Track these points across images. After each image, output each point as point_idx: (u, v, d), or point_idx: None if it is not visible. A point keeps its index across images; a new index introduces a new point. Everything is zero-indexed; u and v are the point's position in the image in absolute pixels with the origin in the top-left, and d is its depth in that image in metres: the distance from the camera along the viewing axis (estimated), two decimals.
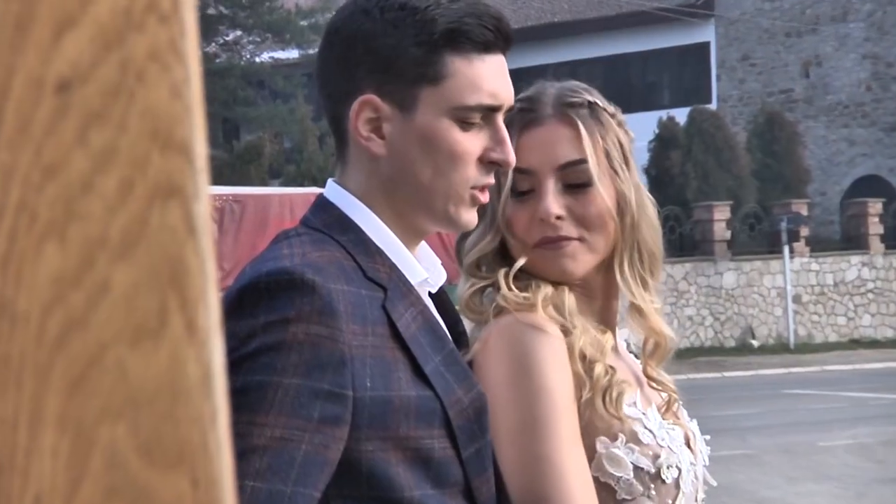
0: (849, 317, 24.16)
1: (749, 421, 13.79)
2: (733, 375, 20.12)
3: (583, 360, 1.81)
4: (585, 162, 1.89)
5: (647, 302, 1.94)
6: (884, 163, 29.12)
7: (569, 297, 1.88)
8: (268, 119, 29.45)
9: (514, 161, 1.72)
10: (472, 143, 1.67)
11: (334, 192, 1.70)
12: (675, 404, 1.98)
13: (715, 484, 1.97)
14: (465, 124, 1.66)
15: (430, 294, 1.75)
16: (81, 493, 0.53)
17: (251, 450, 1.44)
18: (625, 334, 2.04)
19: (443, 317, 1.75)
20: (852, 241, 24.78)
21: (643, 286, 1.94)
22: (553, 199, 1.88)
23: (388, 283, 1.63)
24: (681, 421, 1.97)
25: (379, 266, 1.64)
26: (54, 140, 0.53)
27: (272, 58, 31.61)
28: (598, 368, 1.81)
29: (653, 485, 1.82)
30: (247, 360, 1.48)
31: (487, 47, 1.68)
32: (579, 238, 1.89)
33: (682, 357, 20.02)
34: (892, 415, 14.03)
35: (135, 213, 0.53)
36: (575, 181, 1.89)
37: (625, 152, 1.95)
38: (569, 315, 1.84)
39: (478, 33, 1.66)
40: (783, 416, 14.52)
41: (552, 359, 1.76)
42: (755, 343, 23.44)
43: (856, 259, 24.20)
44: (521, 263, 1.88)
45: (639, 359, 2.03)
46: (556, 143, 1.90)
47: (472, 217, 1.70)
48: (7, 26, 0.52)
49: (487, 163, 1.68)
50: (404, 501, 1.55)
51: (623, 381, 1.84)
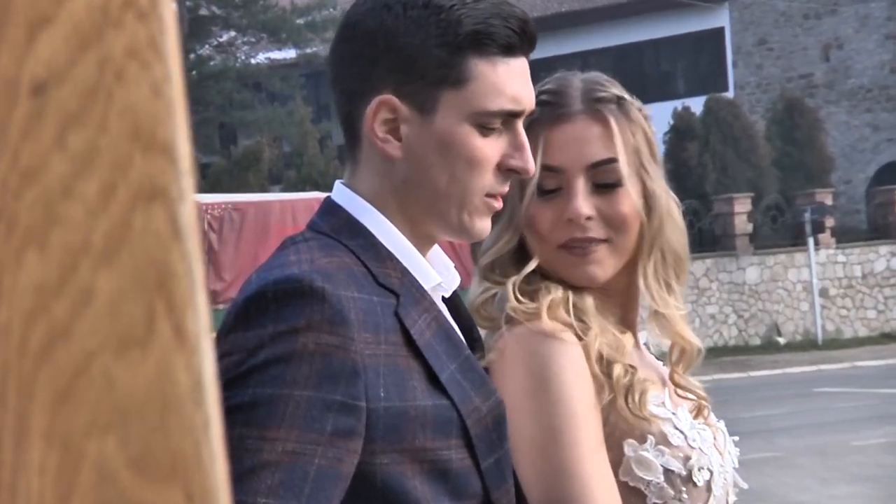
0: (879, 310, 24.10)
1: (777, 422, 13.76)
2: (759, 375, 20.08)
3: (600, 361, 1.80)
4: (616, 161, 1.88)
5: (672, 308, 1.93)
6: None
7: (587, 297, 1.87)
8: (266, 122, 29.48)
9: (533, 169, 1.72)
10: (491, 150, 1.67)
11: (342, 194, 1.70)
12: (706, 410, 1.97)
13: (745, 486, 1.97)
14: (486, 130, 1.66)
15: (443, 299, 1.75)
16: None
17: (262, 465, 1.44)
18: (643, 337, 2.04)
19: (457, 322, 1.76)
20: (880, 230, 24.72)
21: (667, 290, 1.94)
22: (583, 199, 1.87)
23: (400, 289, 1.63)
24: (710, 422, 1.97)
25: (390, 271, 1.64)
26: (31, 144, 0.53)
27: (268, 58, 31.64)
28: (618, 369, 1.81)
29: (684, 488, 1.82)
30: (255, 373, 1.49)
31: (511, 50, 1.68)
32: (606, 239, 1.88)
33: (706, 357, 19.86)
34: None
35: (117, 218, 0.53)
36: (604, 181, 1.89)
37: (653, 149, 1.95)
38: (585, 316, 1.84)
39: (503, 35, 1.66)
40: (813, 415, 14.49)
41: (569, 367, 1.76)
42: (781, 340, 23.39)
43: (884, 249, 24.14)
44: (531, 267, 1.88)
45: (661, 361, 2.02)
46: (586, 140, 1.89)
47: (485, 225, 1.70)
48: None
49: (505, 170, 1.68)
50: None
51: (646, 380, 1.84)
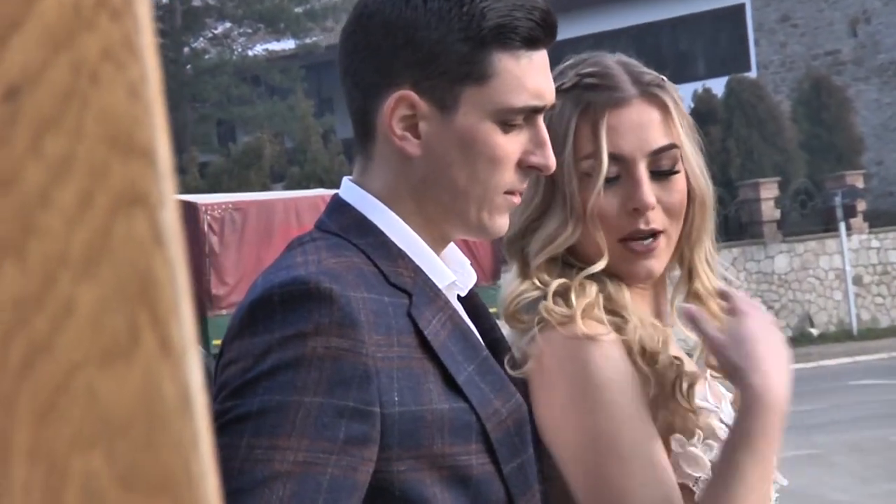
0: None
1: (813, 417, 13.73)
2: (792, 368, 20.06)
3: (643, 354, 1.81)
4: (677, 147, 1.90)
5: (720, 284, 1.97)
6: None
7: (625, 290, 1.87)
8: (266, 118, 29.55)
9: (555, 165, 1.72)
10: (513, 147, 1.67)
11: (351, 192, 1.71)
12: None
13: (786, 483, 1.97)
14: (508, 126, 1.66)
15: (459, 298, 1.76)
16: None
17: (273, 476, 1.45)
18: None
19: (475, 322, 1.76)
20: None
21: (713, 272, 1.98)
22: (648, 187, 1.88)
23: (412, 289, 1.63)
24: None
25: (402, 270, 1.64)
26: (5, 151, 0.53)
27: (266, 50, 31.69)
28: (663, 360, 1.81)
29: None
30: (263, 380, 1.50)
31: (534, 43, 1.68)
32: (664, 231, 1.89)
33: None
34: None
35: (97, 226, 0.54)
36: (663, 167, 1.89)
37: (694, 133, 1.96)
38: (624, 310, 1.83)
39: (526, 28, 1.67)
40: (850, 410, 14.47)
41: (608, 368, 1.76)
42: (814, 332, 23.37)
43: None
44: (601, 265, 1.86)
45: (690, 356, 2.03)
46: (647, 126, 1.89)
47: (504, 223, 1.70)
48: None
49: (526, 167, 1.69)
50: None
51: (693, 372, 1.84)
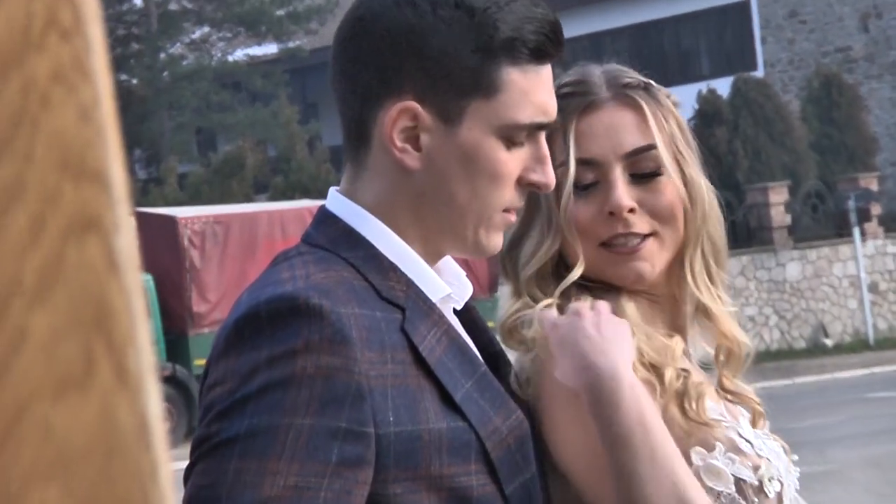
0: None
1: (828, 432, 13.74)
2: (806, 381, 20.05)
3: (649, 368, 1.82)
4: (654, 147, 1.91)
5: (718, 302, 1.95)
6: None
7: (627, 304, 1.89)
8: (248, 125, 29.51)
9: (554, 184, 1.74)
10: (515, 164, 1.69)
11: (338, 203, 1.71)
12: (762, 420, 1.99)
13: None
14: (511, 143, 1.68)
15: (456, 311, 1.77)
16: None
17: (263, 502, 1.46)
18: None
19: (473, 336, 1.77)
20: None
21: (714, 284, 1.96)
22: (623, 189, 1.89)
23: (405, 303, 1.64)
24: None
25: (394, 284, 1.65)
26: None
27: (247, 55, 31.68)
28: (669, 373, 1.83)
29: (756, 499, 1.83)
30: (251, 401, 1.50)
31: (542, 57, 1.70)
32: (652, 233, 1.90)
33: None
34: None
35: (49, 252, 0.55)
36: (643, 170, 1.91)
37: (686, 136, 1.97)
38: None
39: (536, 41, 1.68)
40: (867, 423, 14.47)
41: None
42: (829, 342, 23.36)
43: None
44: (576, 275, 1.88)
45: (707, 371, 2.04)
46: (620, 128, 1.91)
47: (498, 241, 1.72)
48: None
49: (525, 184, 1.70)
50: None
51: (700, 384, 1.86)
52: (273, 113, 29.02)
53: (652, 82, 1.98)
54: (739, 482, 1.82)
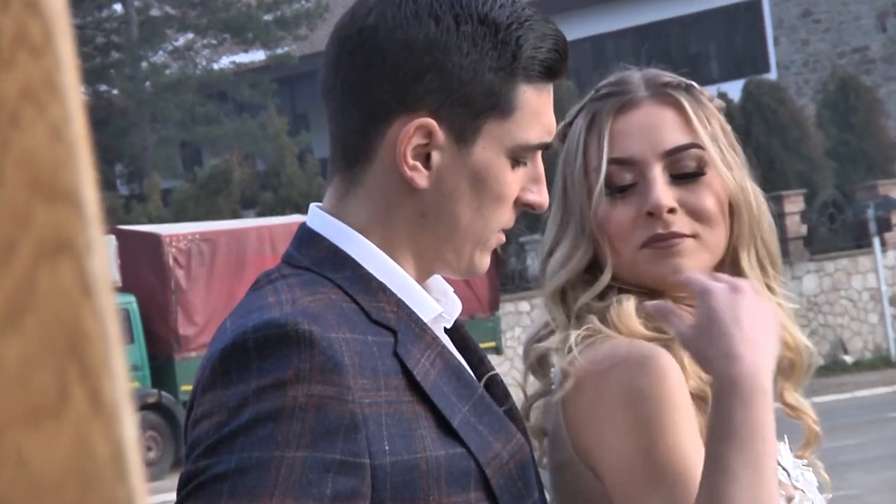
0: None
1: (848, 454, 13.73)
2: (825, 400, 20.02)
3: (703, 382, 1.81)
4: (696, 146, 1.91)
5: (779, 309, 1.92)
6: None
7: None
8: (235, 138, 29.53)
9: (547, 204, 1.75)
10: (517, 184, 1.70)
11: (321, 221, 1.70)
12: (815, 442, 1.99)
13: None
14: (517, 163, 1.69)
15: (445, 330, 1.77)
16: None
17: None
18: None
19: (464, 355, 1.76)
20: None
21: (772, 291, 1.95)
22: (663, 189, 1.88)
23: (397, 325, 1.64)
24: (812, 461, 1.98)
25: (384, 305, 1.64)
26: None
27: (233, 63, 31.69)
28: (704, 378, 1.80)
29: None
30: (241, 435, 1.50)
31: (554, 75, 1.71)
32: (693, 235, 1.89)
33: None
34: None
35: (20, 277, 0.56)
36: (685, 170, 1.91)
37: (730, 138, 1.98)
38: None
39: (550, 60, 1.69)
40: (890, 445, 14.45)
41: (667, 384, 1.77)
42: (848, 359, 23.36)
43: None
44: (604, 282, 1.87)
45: None
46: (659, 126, 1.92)
47: (487, 262, 1.73)
48: None
49: (521, 204, 1.71)
50: None
51: None
52: (261, 124, 29.03)
53: (694, 83, 1.98)
54: None
